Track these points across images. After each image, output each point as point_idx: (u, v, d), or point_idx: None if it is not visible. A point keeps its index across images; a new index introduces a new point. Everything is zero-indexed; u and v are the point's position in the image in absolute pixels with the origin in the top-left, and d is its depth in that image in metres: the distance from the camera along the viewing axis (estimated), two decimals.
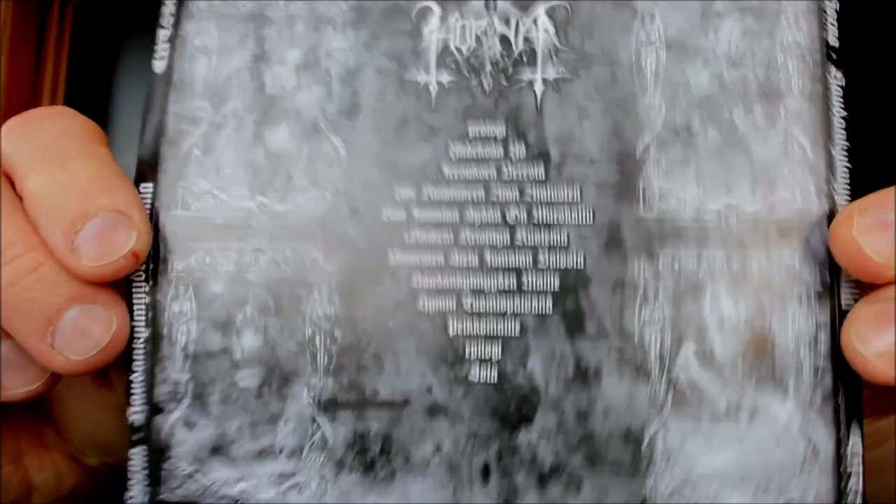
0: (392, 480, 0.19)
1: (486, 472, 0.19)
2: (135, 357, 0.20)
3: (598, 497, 0.19)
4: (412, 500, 0.19)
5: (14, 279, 0.18)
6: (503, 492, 0.19)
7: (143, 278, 0.20)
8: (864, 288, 0.19)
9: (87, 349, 0.19)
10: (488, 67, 0.21)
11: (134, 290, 0.20)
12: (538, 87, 0.21)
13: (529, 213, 0.20)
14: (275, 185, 0.21)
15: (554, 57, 0.21)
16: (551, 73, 0.21)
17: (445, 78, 0.21)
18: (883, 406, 0.20)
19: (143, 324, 0.20)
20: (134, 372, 0.20)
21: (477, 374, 0.19)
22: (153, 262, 0.20)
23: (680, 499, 0.19)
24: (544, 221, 0.20)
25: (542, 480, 0.19)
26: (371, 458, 0.19)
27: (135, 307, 0.20)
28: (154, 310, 0.20)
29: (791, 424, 0.19)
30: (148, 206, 0.20)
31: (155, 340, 0.20)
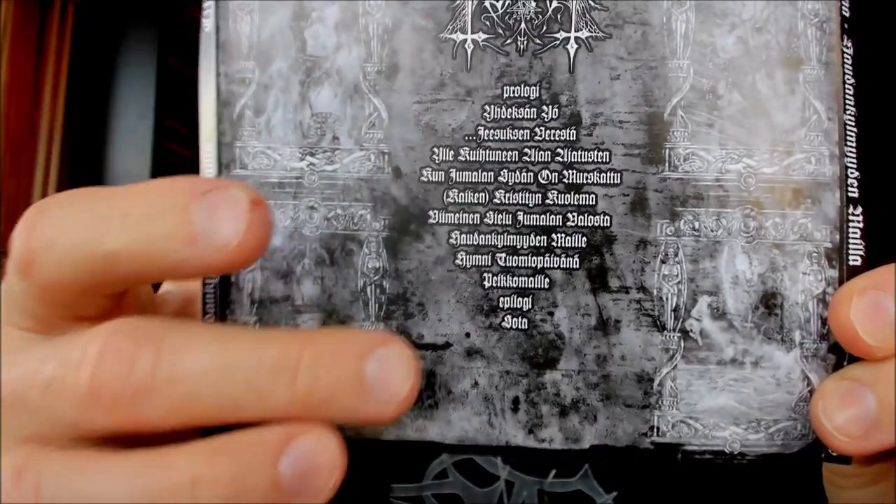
0: (436, 409, 0.22)
1: (515, 404, 0.22)
2: (206, 301, 0.23)
3: (611, 426, 0.22)
4: (453, 425, 0.22)
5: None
6: (530, 420, 0.22)
7: None
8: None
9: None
10: (522, 25, 0.22)
11: None
12: (571, 47, 0.22)
13: (560, 176, 0.22)
14: (322, 146, 0.22)
15: (587, 15, 0.21)
16: (584, 32, 0.21)
17: (481, 37, 0.22)
18: (874, 455, 0.21)
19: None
20: (206, 315, 0.23)
21: (509, 322, 0.22)
22: None
23: (682, 429, 0.21)
24: (574, 183, 0.22)
25: (564, 412, 0.22)
26: (419, 389, 0.22)
27: None
28: None
29: (793, 370, 0.21)
30: (211, 167, 0.23)
31: (224, 287, 0.23)
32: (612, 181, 0.21)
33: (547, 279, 0.22)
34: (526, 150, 0.22)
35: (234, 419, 0.18)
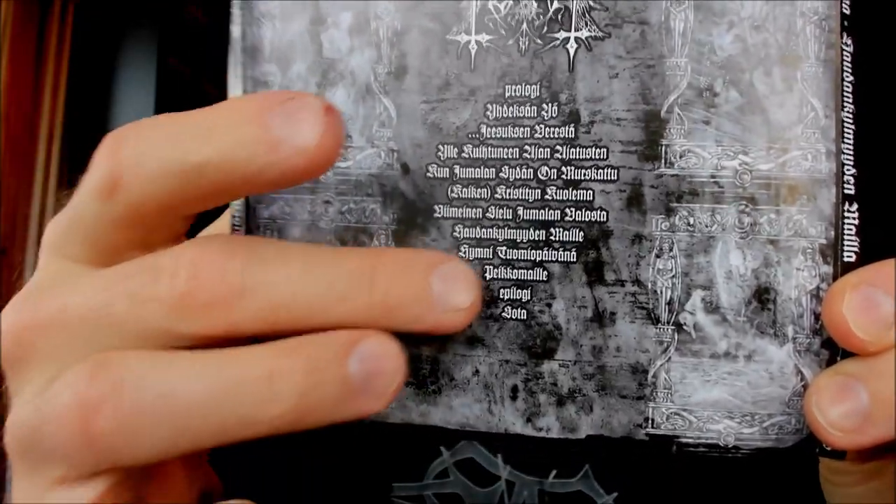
0: (439, 394, 0.23)
1: (514, 392, 0.23)
2: None
3: (606, 416, 0.22)
4: (455, 411, 0.23)
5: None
6: (528, 409, 0.22)
7: (238, 224, 0.24)
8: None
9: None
10: (524, 26, 0.22)
11: (233, 233, 0.24)
12: (571, 46, 0.22)
13: (559, 172, 0.22)
14: None
15: (587, 15, 0.22)
16: (584, 32, 0.22)
17: (484, 38, 0.22)
18: (869, 451, 0.22)
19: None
20: None
21: (509, 312, 0.22)
22: (244, 210, 0.24)
23: (676, 421, 0.22)
24: (572, 179, 0.22)
25: (561, 401, 0.22)
26: (422, 375, 0.23)
27: None
28: None
29: (786, 365, 0.21)
30: None
31: None
32: (609, 177, 0.22)
33: (545, 272, 0.22)
34: (526, 147, 0.22)
35: (319, 324, 0.20)
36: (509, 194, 0.22)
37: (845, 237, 0.21)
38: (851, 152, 0.21)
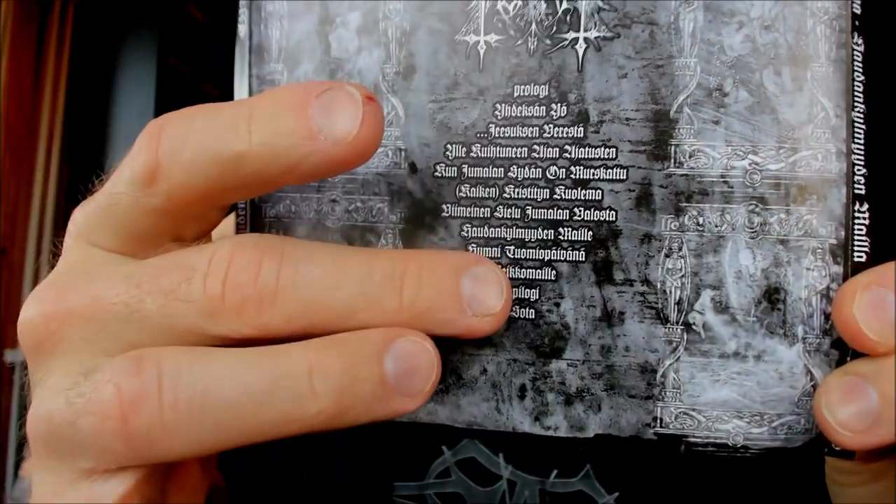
0: (447, 393, 0.23)
1: (522, 391, 0.22)
2: None
3: (614, 416, 0.22)
4: (463, 410, 0.23)
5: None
6: (536, 408, 0.22)
7: (243, 222, 0.24)
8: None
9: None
10: (533, 27, 0.22)
11: (238, 232, 0.24)
12: (580, 46, 0.22)
13: (568, 172, 0.22)
14: None
15: (596, 16, 0.22)
16: (593, 32, 0.22)
17: (493, 38, 0.22)
18: (877, 451, 0.22)
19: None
20: None
21: (517, 312, 0.22)
22: (249, 208, 0.23)
23: (685, 420, 0.22)
24: (581, 179, 0.22)
25: (569, 401, 0.22)
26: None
27: None
28: None
29: (796, 365, 0.21)
30: None
31: None
32: (618, 177, 0.22)
33: (554, 271, 0.22)
34: (535, 146, 0.22)
35: (347, 327, 0.20)
36: (518, 194, 0.22)
37: (855, 237, 0.21)
38: (862, 152, 0.21)
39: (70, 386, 0.20)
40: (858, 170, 0.21)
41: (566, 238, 0.22)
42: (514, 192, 0.22)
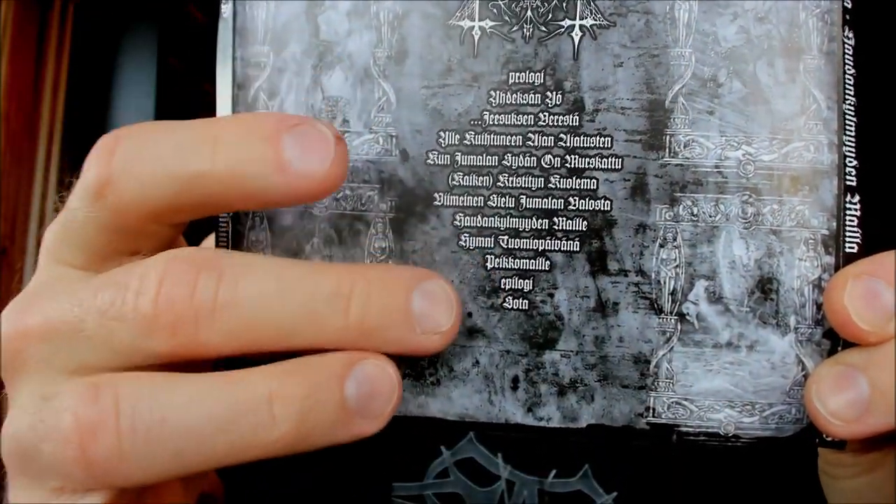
0: (438, 386, 0.23)
1: (515, 382, 0.22)
2: None
3: (607, 406, 0.22)
4: (454, 402, 0.23)
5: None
6: (529, 399, 0.22)
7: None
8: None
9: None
10: (528, 13, 0.22)
11: (219, 220, 0.23)
12: (576, 34, 0.22)
13: (563, 161, 0.22)
14: None
15: (592, 4, 0.22)
16: (589, 20, 0.22)
17: (488, 24, 0.22)
18: (868, 442, 0.22)
19: (225, 249, 0.23)
20: None
21: (510, 302, 0.22)
22: None
23: (677, 410, 0.22)
24: (576, 168, 0.22)
25: (562, 391, 0.22)
26: (421, 366, 0.23)
27: (220, 235, 0.23)
28: (234, 238, 0.23)
29: (788, 354, 0.21)
30: None
31: None
32: (613, 166, 0.22)
33: (548, 261, 0.22)
34: (530, 135, 0.22)
35: (290, 346, 0.20)
36: (512, 182, 0.22)
37: (847, 228, 0.21)
38: (853, 144, 0.21)
39: (33, 410, 0.20)
40: (850, 161, 0.21)
41: (560, 228, 0.22)
42: (508, 180, 0.22)
